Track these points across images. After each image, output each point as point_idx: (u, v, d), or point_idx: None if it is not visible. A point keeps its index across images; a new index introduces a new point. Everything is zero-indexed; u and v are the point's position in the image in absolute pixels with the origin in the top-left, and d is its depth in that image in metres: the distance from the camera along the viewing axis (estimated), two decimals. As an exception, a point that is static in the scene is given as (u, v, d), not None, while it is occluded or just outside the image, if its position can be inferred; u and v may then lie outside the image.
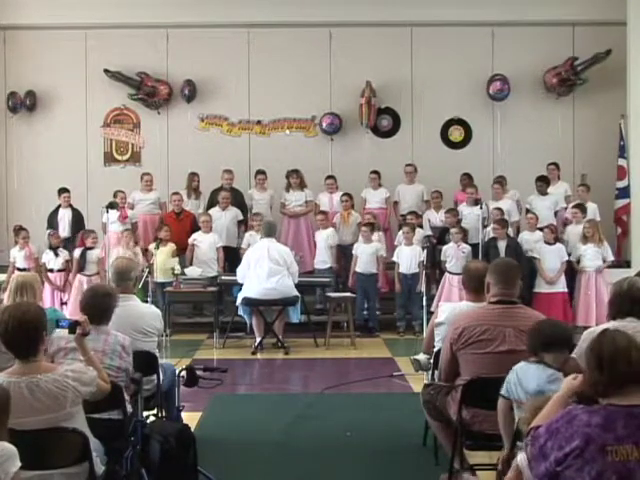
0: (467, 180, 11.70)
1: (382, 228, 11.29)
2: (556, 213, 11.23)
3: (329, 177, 11.80)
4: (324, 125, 12.46)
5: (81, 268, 10.47)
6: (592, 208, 11.05)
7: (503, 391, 3.82)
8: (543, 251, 10.25)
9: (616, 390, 2.69)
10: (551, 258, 10.21)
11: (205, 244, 10.80)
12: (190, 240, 10.85)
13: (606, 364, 2.71)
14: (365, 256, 10.56)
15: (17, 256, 10.62)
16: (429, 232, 11.04)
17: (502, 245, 10.27)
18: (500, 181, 11.44)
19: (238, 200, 11.65)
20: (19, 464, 2.84)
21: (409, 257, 10.52)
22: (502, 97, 12.38)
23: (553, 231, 10.38)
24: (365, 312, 10.66)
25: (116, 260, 5.92)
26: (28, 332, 3.47)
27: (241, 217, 11.51)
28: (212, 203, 11.58)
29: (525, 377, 3.74)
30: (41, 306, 3.92)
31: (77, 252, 10.53)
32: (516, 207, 11.31)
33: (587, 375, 2.84)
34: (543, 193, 11.28)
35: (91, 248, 10.52)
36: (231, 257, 11.10)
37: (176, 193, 11.50)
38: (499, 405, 3.87)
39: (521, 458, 2.95)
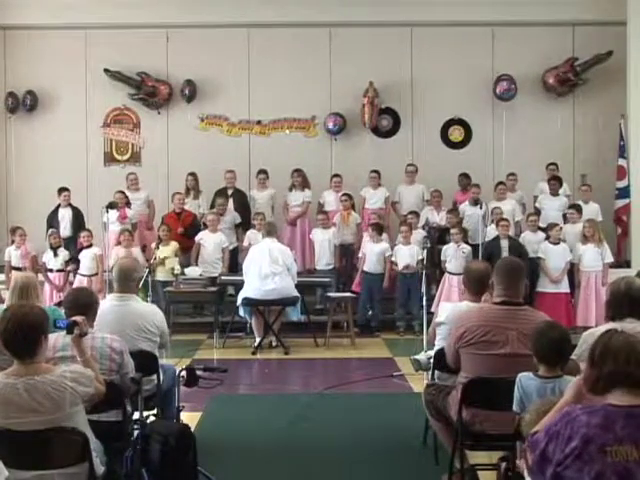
0: (465, 180, 11.69)
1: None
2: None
3: (335, 175, 11.78)
4: (330, 126, 12.41)
5: (76, 267, 10.50)
6: (594, 209, 11.05)
7: (515, 407, 3.76)
8: (549, 251, 10.25)
9: (605, 389, 2.68)
10: (556, 258, 10.21)
11: (210, 244, 10.77)
12: (197, 238, 10.85)
13: (597, 360, 2.72)
14: (373, 256, 10.54)
15: (13, 255, 10.64)
16: (422, 232, 10.94)
17: (505, 245, 10.24)
18: (506, 181, 11.43)
19: (241, 202, 11.64)
20: (6, 473, 2.85)
21: (408, 256, 10.51)
22: (509, 97, 12.36)
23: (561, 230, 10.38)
24: (370, 312, 10.64)
25: (120, 260, 5.90)
26: (28, 334, 3.45)
27: (239, 220, 11.49)
28: (214, 204, 11.54)
29: (527, 391, 3.72)
30: (43, 308, 3.90)
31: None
32: (519, 207, 11.30)
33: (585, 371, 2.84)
34: (555, 194, 11.30)
35: (87, 247, 10.52)
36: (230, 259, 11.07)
37: (178, 193, 11.50)
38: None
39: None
